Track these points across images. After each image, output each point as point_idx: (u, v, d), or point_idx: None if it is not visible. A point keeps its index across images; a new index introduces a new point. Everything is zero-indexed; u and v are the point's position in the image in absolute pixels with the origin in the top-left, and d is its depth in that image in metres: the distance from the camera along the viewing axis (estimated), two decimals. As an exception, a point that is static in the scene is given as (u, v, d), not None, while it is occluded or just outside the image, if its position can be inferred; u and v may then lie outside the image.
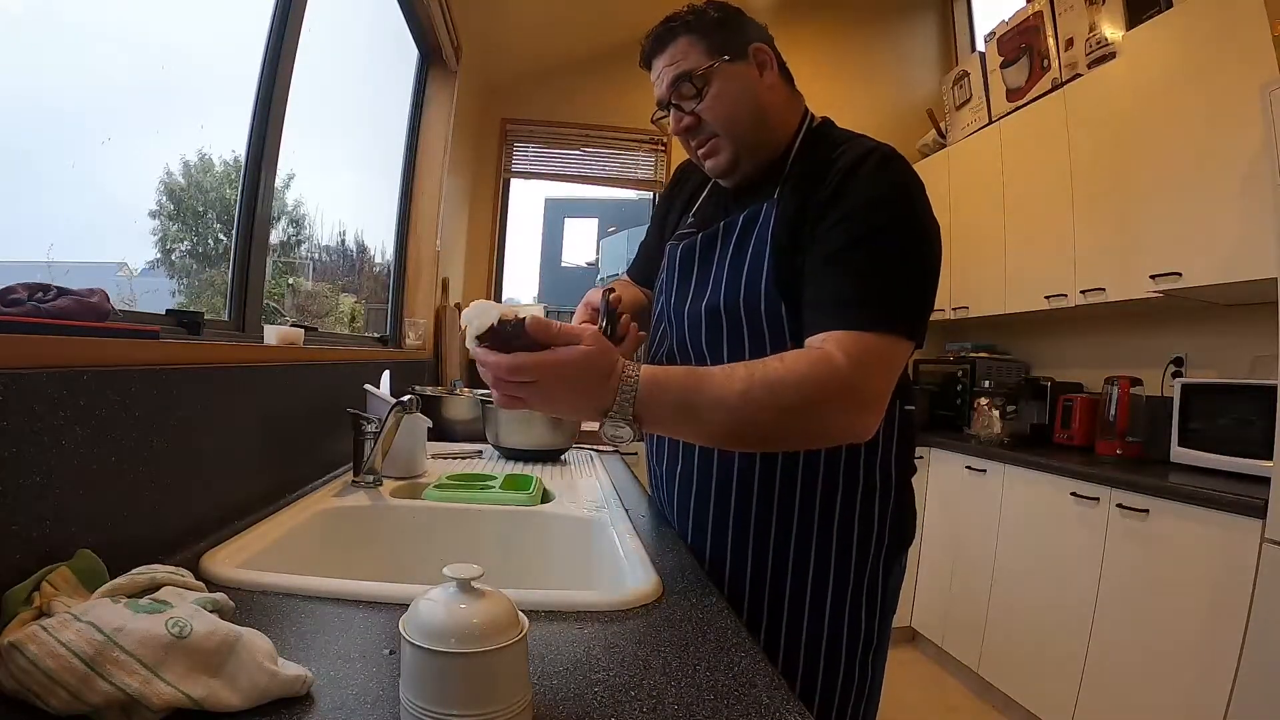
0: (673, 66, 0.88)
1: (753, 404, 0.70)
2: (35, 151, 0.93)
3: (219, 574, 0.69)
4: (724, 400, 0.70)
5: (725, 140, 0.89)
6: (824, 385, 0.71)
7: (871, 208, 0.79)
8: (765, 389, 0.70)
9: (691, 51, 0.87)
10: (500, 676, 0.43)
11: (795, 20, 3.51)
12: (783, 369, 0.71)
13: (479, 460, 1.59)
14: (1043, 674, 2.13)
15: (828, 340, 0.74)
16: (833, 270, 0.78)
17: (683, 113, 0.89)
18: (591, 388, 0.68)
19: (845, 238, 0.78)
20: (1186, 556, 1.71)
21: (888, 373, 0.76)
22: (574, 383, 0.67)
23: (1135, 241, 2.18)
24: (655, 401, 0.69)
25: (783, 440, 0.79)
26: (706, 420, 0.72)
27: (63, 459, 0.57)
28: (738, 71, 0.88)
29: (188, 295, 1.34)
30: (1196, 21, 2.00)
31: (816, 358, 0.73)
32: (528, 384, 0.67)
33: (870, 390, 0.74)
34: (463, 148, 3.06)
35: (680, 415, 0.72)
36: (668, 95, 0.90)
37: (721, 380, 0.71)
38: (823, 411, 0.72)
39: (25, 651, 0.42)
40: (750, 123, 0.89)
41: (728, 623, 0.66)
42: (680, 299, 0.95)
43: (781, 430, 0.74)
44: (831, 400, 0.72)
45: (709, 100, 0.87)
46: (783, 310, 0.84)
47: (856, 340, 0.73)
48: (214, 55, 1.29)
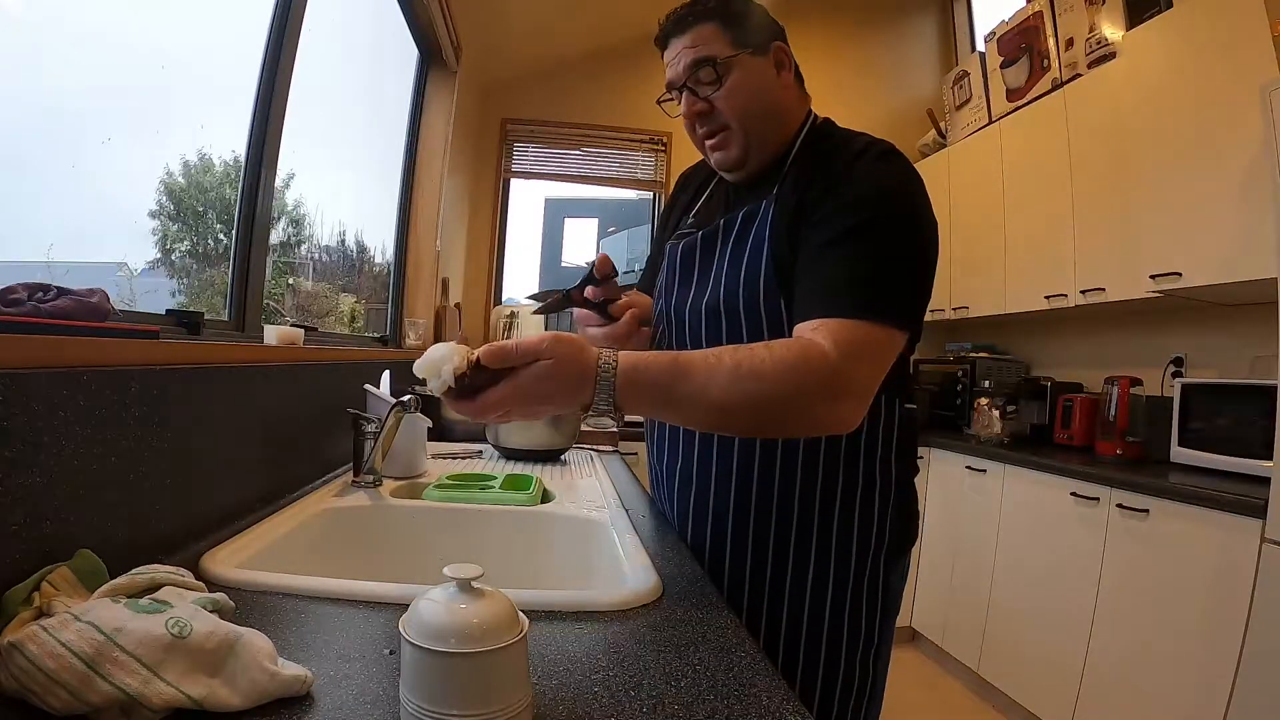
0: (694, 49, 0.87)
1: (737, 394, 0.69)
2: (35, 151, 0.93)
3: (219, 574, 0.69)
4: (706, 390, 0.69)
5: (737, 133, 0.89)
6: (810, 374, 0.70)
7: (866, 199, 0.79)
8: (750, 378, 0.69)
9: (716, 38, 0.86)
10: (500, 676, 0.43)
11: (795, 20, 3.47)
12: (769, 358, 0.70)
13: (479, 460, 1.59)
14: (1043, 674, 2.13)
15: (818, 329, 0.74)
16: (825, 259, 0.78)
17: (697, 97, 0.88)
18: (566, 391, 0.67)
19: (839, 227, 0.78)
20: (1186, 556, 1.71)
21: (876, 362, 0.75)
22: (546, 394, 0.67)
23: (1135, 241, 2.18)
24: (635, 390, 0.69)
25: (767, 428, 0.78)
26: (688, 409, 0.72)
27: (63, 459, 0.57)
28: (758, 66, 0.88)
29: (188, 295, 1.34)
30: (1196, 21, 2.00)
31: (804, 346, 0.72)
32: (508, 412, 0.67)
33: (857, 380, 0.73)
34: (463, 148, 3.06)
35: (661, 404, 0.71)
36: (683, 77, 0.88)
37: (704, 369, 0.70)
38: (807, 400, 0.71)
39: (25, 651, 0.42)
40: (763, 118, 0.89)
41: (728, 623, 0.66)
42: (681, 298, 0.95)
43: (765, 418, 0.73)
44: (817, 389, 0.71)
45: (727, 89, 0.86)
46: (782, 306, 0.84)
47: (845, 328, 0.73)
48: (214, 55, 1.28)
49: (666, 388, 0.70)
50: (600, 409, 0.68)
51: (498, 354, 0.65)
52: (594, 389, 0.67)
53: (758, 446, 0.89)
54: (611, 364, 0.68)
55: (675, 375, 0.70)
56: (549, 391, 0.67)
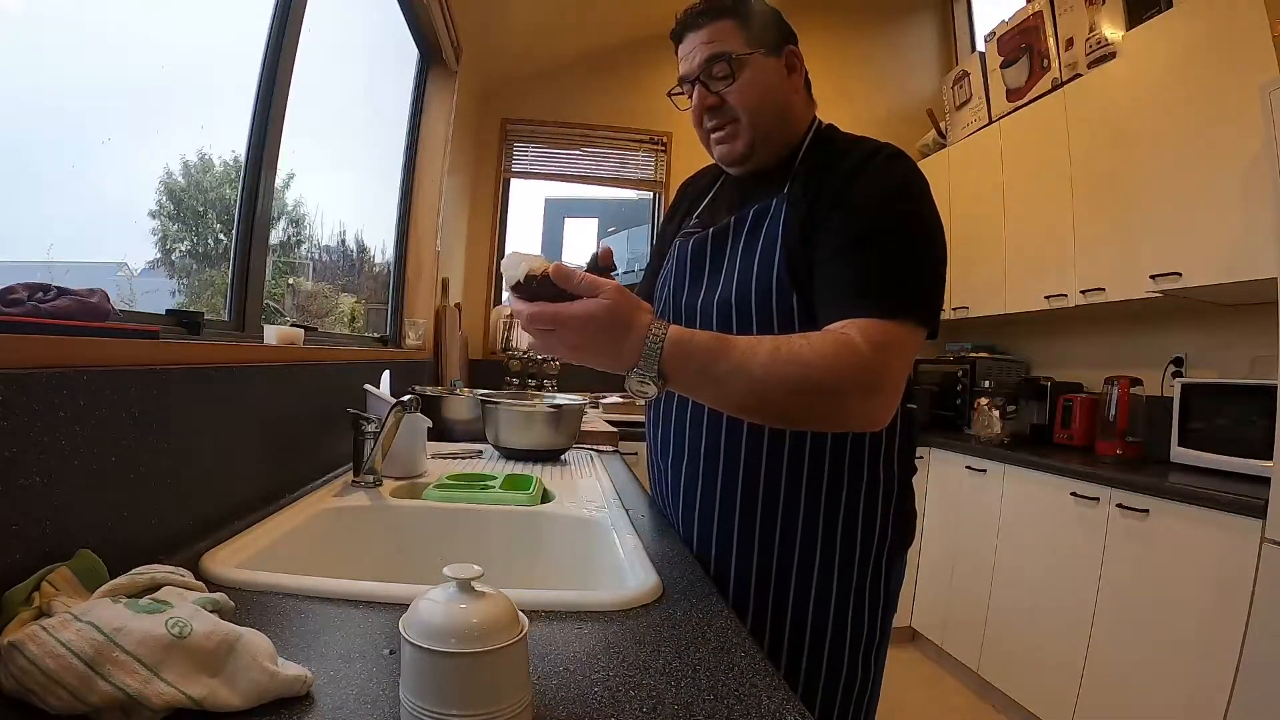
0: (710, 45, 0.89)
1: (775, 376, 0.70)
2: (35, 152, 0.92)
3: (219, 574, 0.69)
4: (747, 368, 0.70)
5: (745, 127, 0.91)
6: (847, 368, 0.71)
7: (884, 200, 0.81)
8: (790, 363, 0.70)
9: (733, 35, 0.89)
10: (500, 676, 0.43)
11: (796, 20, 3.48)
12: (808, 347, 0.71)
13: (479, 460, 1.58)
14: (1043, 674, 2.13)
15: (848, 327, 0.75)
16: (849, 260, 0.79)
17: (709, 91, 0.90)
18: (612, 338, 0.69)
19: (860, 229, 0.79)
20: (1186, 556, 1.71)
21: (905, 360, 0.77)
22: (594, 332, 0.68)
23: (1135, 241, 2.18)
24: (680, 360, 0.70)
25: (800, 417, 0.78)
26: (728, 386, 0.72)
27: (63, 459, 0.57)
28: (770, 65, 0.91)
29: (188, 295, 1.33)
30: (1196, 21, 2.00)
31: (841, 341, 0.73)
32: (549, 331, 0.69)
33: (889, 377, 0.75)
34: (463, 148, 3.06)
35: (703, 377, 0.72)
36: (697, 71, 0.91)
37: (746, 349, 0.71)
38: (843, 391, 0.73)
39: (25, 651, 0.42)
40: (771, 116, 0.91)
41: (728, 623, 0.66)
42: (692, 294, 0.96)
43: (800, 407, 0.74)
44: (853, 383, 0.72)
45: (739, 85, 0.89)
46: (794, 303, 0.85)
47: (876, 327, 0.74)
48: (214, 55, 1.28)
49: (711, 357, 0.71)
50: (643, 372, 0.69)
51: (565, 272, 0.69)
52: (641, 349, 0.69)
53: (764, 443, 0.89)
54: (661, 329, 0.70)
55: (720, 347, 0.71)
56: (595, 331, 0.68)
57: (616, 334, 0.68)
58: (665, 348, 0.69)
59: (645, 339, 0.69)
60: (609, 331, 0.68)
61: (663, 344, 0.69)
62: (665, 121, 3.53)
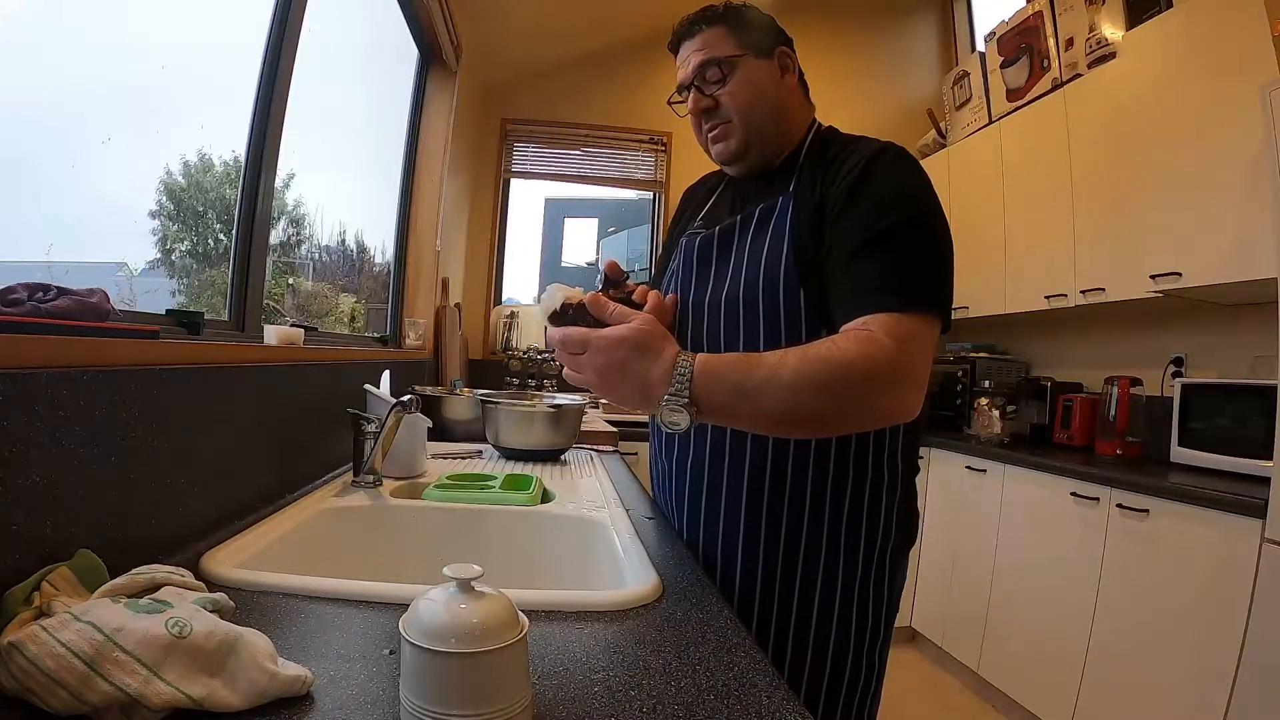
0: (703, 51, 0.93)
1: (807, 378, 0.71)
2: (35, 151, 0.92)
3: (219, 574, 0.69)
4: (778, 376, 0.71)
5: (738, 127, 0.93)
6: (875, 364, 0.72)
7: (897, 198, 0.82)
8: (820, 363, 0.71)
9: (723, 41, 0.93)
10: (500, 676, 0.43)
11: (795, 20, 3.48)
12: (835, 347, 0.72)
13: (479, 460, 1.58)
14: (1043, 674, 2.13)
15: (869, 323, 0.76)
16: (866, 258, 0.80)
17: (703, 94, 0.93)
18: (641, 362, 0.70)
19: (875, 227, 0.80)
20: (1186, 556, 1.71)
21: (927, 352, 0.79)
22: (623, 355, 0.70)
23: (1135, 241, 2.18)
24: (711, 385, 0.71)
25: (836, 421, 0.79)
26: (761, 397, 0.72)
27: (63, 459, 0.57)
28: (762, 67, 0.94)
29: (188, 295, 1.33)
30: (1196, 21, 2.00)
31: (865, 339, 0.74)
32: (579, 355, 0.72)
33: (915, 370, 0.76)
34: (463, 148, 3.06)
35: (737, 398, 0.72)
36: (691, 77, 0.94)
37: (774, 360, 0.72)
38: (875, 390, 0.73)
39: (25, 651, 0.42)
40: (765, 115, 0.94)
41: (728, 623, 0.66)
42: (699, 291, 0.96)
43: (835, 410, 0.74)
44: (884, 376, 0.73)
45: (731, 86, 0.92)
46: (801, 298, 0.85)
47: (899, 322, 0.75)
48: (214, 55, 1.28)
49: (741, 374, 0.72)
50: (674, 398, 0.70)
51: (600, 302, 0.74)
52: (671, 375, 0.70)
53: (769, 438, 0.89)
54: (690, 357, 0.71)
55: (749, 362, 0.73)
56: (624, 354, 0.70)
57: (646, 359, 0.70)
58: (695, 373, 0.70)
59: (675, 365, 0.70)
60: (638, 355, 0.70)
61: (692, 369, 0.70)
62: (665, 122, 3.53)
